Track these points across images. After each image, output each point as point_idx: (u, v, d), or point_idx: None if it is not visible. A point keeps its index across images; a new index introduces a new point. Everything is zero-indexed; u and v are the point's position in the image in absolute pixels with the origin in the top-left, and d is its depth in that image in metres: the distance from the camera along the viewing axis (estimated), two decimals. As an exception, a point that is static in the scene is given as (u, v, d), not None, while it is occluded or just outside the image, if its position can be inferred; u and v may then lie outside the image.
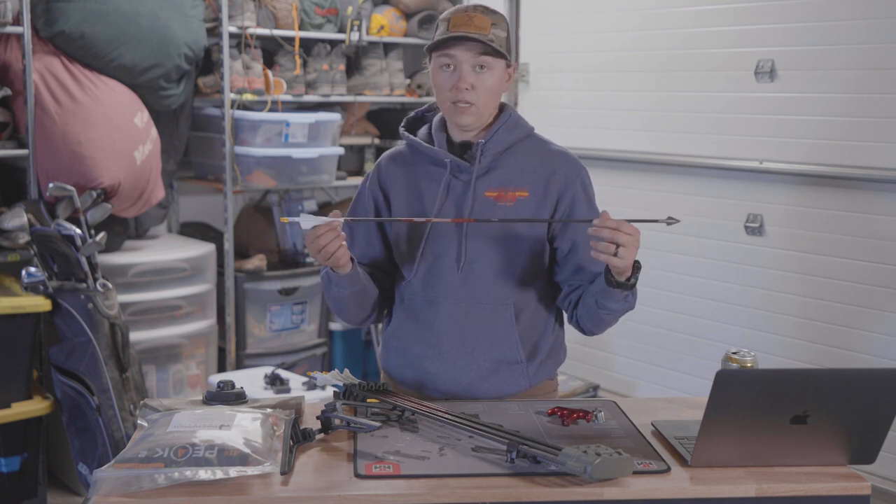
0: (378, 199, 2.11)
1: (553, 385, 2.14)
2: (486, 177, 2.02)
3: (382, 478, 1.56)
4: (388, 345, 2.13)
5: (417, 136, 2.09)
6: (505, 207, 2.00)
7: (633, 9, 4.19)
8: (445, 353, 2.02)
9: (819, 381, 1.58)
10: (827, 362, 3.60)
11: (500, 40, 1.95)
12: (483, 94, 1.96)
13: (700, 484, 1.58)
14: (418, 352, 2.05)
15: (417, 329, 2.05)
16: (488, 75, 1.96)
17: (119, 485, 1.49)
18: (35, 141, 3.39)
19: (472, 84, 1.94)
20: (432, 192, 2.04)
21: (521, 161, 2.03)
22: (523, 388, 2.04)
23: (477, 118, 1.99)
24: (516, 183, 2.01)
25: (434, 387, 2.05)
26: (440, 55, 1.96)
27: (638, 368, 4.29)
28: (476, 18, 1.94)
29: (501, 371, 2.02)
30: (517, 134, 2.05)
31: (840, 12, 3.49)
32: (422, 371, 2.05)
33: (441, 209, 2.02)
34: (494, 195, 2.00)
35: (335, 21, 4.27)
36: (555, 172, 2.02)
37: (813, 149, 3.59)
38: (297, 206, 4.35)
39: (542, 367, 2.07)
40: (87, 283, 3.25)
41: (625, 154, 4.23)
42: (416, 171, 2.07)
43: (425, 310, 2.04)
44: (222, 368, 4.10)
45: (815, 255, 3.63)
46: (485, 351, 2.02)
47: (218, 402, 1.82)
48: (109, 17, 3.51)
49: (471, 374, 2.02)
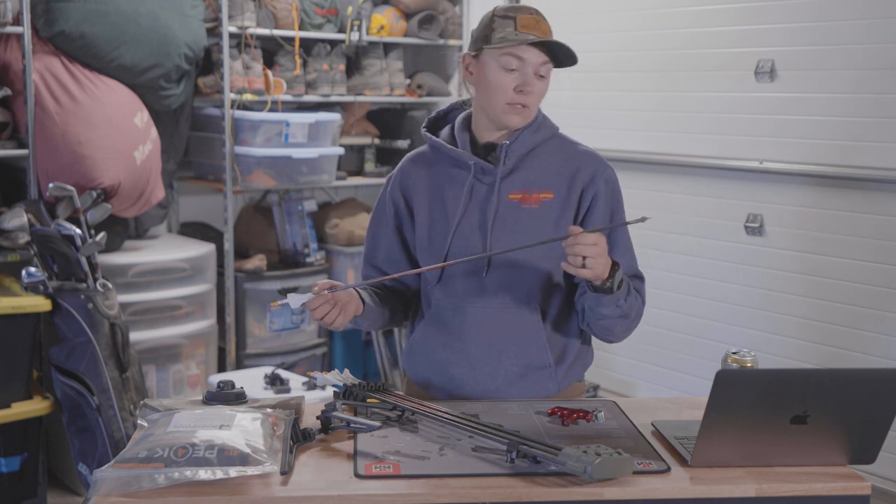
0: (399, 205, 2.08)
1: (581, 387, 2.11)
2: (510, 178, 1.99)
3: (382, 478, 1.56)
4: (413, 349, 2.09)
5: (440, 137, 2.06)
6: (529, 210, 1.97)
7: (633, 9, 4.19)
8: (472, 359, 2.00)
9: (819, 381, 1.58)
10: (827, 362, 3.60)
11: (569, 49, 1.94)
12: (537, 99, 1.96)
13: (700, 484, 1.58)
14: (444, 357, 2.02)
15: (444, 334, 2.02)
16: (545, 82, 1.96)
17: (119, 485, 1.49)
18: (35, 141, 3.39)
19: (533, 88, 1.94)
20: (455, 196, 2.01)
21: (546, 162, 2.01)
22: (552, 391, 2.01)
23: (526, 120, 1.98)
24: (541, 185, 1.99)
25: (461, 393, 2.01)
26: (507, 54, 1.91)
27: (638, 368, 4.29)
28: (542, 23, 1.93)
29: (530, 376, 2.00)
30: (542, 135, 2.02)
31: (840, 12, 3.49)
32: (448, 377, 2.02)
33: (465, 213, 2.00)
34: (519, 197, 1.98)
35: (335, 21, 4.27)
36: (578, 171, 2.00)
37: (813, 149, 3.59)
38: (297, 206, 4.35)
39: (571, 370, 2.05)
40: (87, 283, 3.25)
41: (625, 154, 4.23)
42: (439, 174, 2.05)
43: (451, 315, 2.01)
44: (222, 368, 4.10)
45: (816, 255, 3.63)
46: (512, 356, 1.99)
47: (218, 402, 1.82)
48: (109, 17, 3.51)
49: (498, 379, 1.99)
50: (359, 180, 4.52)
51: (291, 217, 4.35)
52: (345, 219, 4.48)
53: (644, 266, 2.06)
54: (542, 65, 1.93)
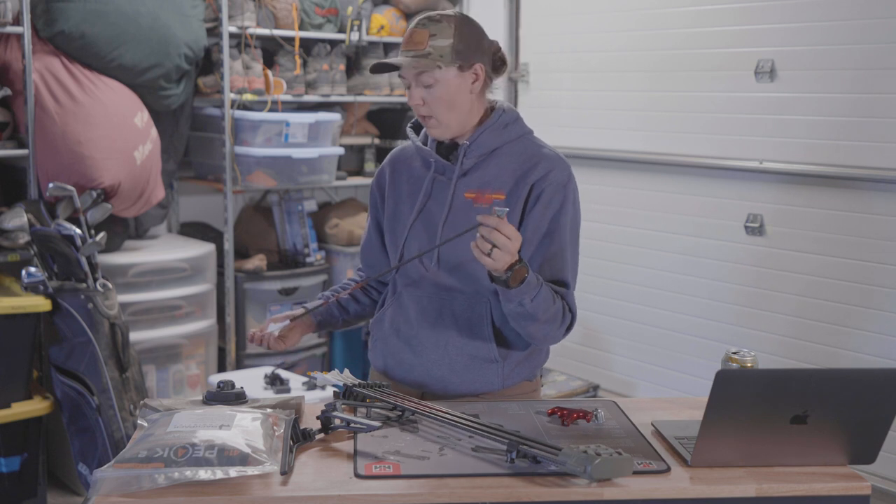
0: (376, 200, 2.18)
1: (532, 386, 2.11)
2: (467, 178, 2.02)
3: (382, 478, 1.56)
4: (371, 334, 2.18)
5: (420, 135, 2.11)
6: (479, 209, 1.98)
7: (633, 9, 4.19)
8: (420, 345, 2.05)
9: (819, 381, 1.58)
10: (827, 362, 3.60)
11: (441, 49, 1.92)
12: (438, 106, 1.96)
13: (700, 484, 1.58)
14: (395, 342, 2.09)
15: (398, 320, 2.09)
16: (437, 87, 1.95)
17: (119, 485, 1.49)
18: (35, 141, 3.39)
19: (422, 99, 1.96)
20: (417, 191, 2.07)
21: (504, 163, 2.01)
22: (497, 387, 2.04)
23: (445, 129, 1.99)
24: (495, 185, 2.00)
25: (409, 377, 2.07)
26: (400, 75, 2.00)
27: (638, 368, 4.29)
28: (415, 34, 1.94)
29: (474, 368, 2.03)
30: (506, 136, 2.03)
31: (840, 12, 3.49)
32: (398, 361, 2.09)
33: (423, 208, 2.05)
34: (473, 196, 2.01)
35: (335, 21, 4.27)
36: (530, 171, 1.98)
37: (813, 149, 3.59)
38: (297, 206, 4.35)
39: (520, 368, 2.06)
40: (87, 283, 3.25)
41: (625, 154, 4.23)
42: (411, 171, 2.11)
43: (405, 301, 2.08)
44: (222, 368, 4.10)
45: (815, 255, 3.63)
46: (458, 345, 2.02)
47: (218, 402, 1.82)
48: (109, 17, 3.51)
49: (443, 367, 2.03)
50: (359, 180, 4.53)
51: (291, 217, 4.35)
52: (345, 219, 4.48)
53: (644, 266, 2.06)
54: (418, 76, 1.94)
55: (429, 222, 2.04)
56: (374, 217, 2.19)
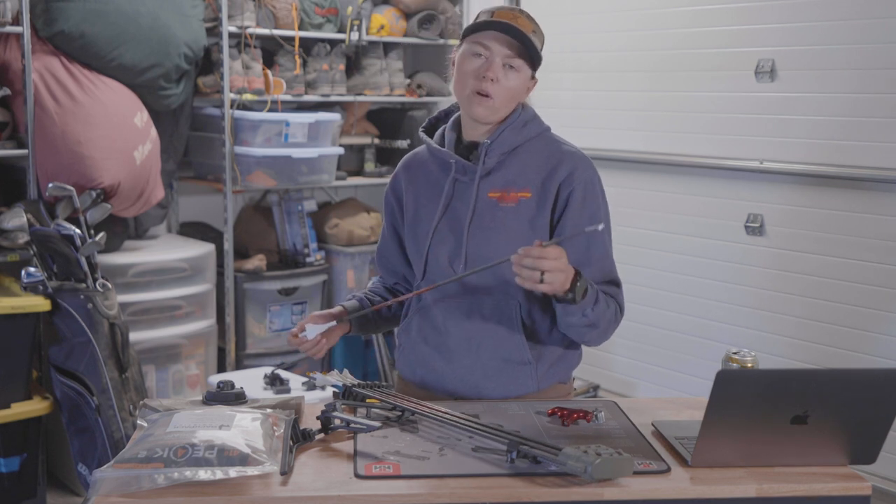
0: (392, 205, 2.14)
1: (566, 389, 2.10)
2: (490, 177, 2.00)
3: (382, 478, 1.56)
4: (399, 343, 2.13)
5: (434, 138, 2.09)
6: (506, 208, 1.97)
7: (633, 8, 4.19)
8: (451, 352, 2.01)
9: (819, 381, 1.58)
10: (827, 362, 3.60)
11: (536, 47, 1.95)
12: (504, 92, 1.95)
13: (700, 484, 1.58)
14: (425, 350, 2.04)
15: (425, 327, 2.05)
16: (514, 76, 1.95)
17: (119, 485, 1.49)
18: (35, 141, 3.39)
19: (497, 77, 1.93)
20: (438, 195, 2.03)
21: (527, 161, 2.00)
22: (531, 389, 2.01)
23: (492, 112, 1.97)
24: (520, 183, 1.98)
25: (440, 386, 2.03)
26: (474, 42, 1.94)
27: (638, 368, 4.28)
28: (520, 19, 1.95)
29: (508, 371, 1.99)
30: (525, 134, 2.02)
31: (840, 12, 3.49)
32: (429, 369, 2.04)
33: (445, 212, 2.02)
34: (497, 196, 1.98)
35: (335, 21, 4.26)
36: (556, 169, 1.98)
37: (813, 149, 3.59)
38: (297, 206, 4.35)
39: (553, 370, 2.03)
40: (87, 283, 3.25)
41: (625, 154, 4.23)
42: (428, 174, 2.07)
43: (432, 308, 2.03)
44: (222, 368, 4.10)
45: (816, 255, 3.63)
46: (490, 350, 1.99)
47: (218, 403, 1.82)
48: (109, 17, 3.51)
49: (476, 373, 2.00)
50: (359, 180, 4.52)
51: (291, 217, 4.35)
52: (345, 219, 4.48)
53: (644, 266, 2.06)
54: (510, 57, 1.94)
55: (454, 224, 2.01)
56: (391, 224, 2.15)
